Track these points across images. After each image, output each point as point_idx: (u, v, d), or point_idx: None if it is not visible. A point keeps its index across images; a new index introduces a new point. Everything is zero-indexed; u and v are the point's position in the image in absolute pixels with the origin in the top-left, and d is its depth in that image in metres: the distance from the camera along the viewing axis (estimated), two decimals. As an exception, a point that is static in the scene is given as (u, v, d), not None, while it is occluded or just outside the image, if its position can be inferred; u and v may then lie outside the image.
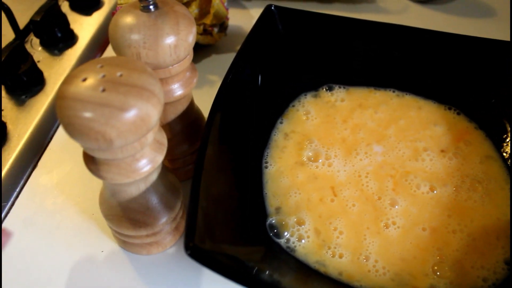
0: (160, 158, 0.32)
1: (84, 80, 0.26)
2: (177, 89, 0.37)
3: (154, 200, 0.35)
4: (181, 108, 0.39)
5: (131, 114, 0.26)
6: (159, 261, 0.39)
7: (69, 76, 0.27)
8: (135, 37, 0.33)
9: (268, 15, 0.46)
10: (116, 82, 0.26)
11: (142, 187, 0.33)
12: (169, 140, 0.40)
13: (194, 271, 0.38)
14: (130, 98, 0.26)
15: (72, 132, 0.26)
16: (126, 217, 0.35)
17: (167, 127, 0.39)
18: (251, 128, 0.43)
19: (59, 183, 0.44)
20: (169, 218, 0.36)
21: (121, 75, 0.27)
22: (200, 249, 0.28)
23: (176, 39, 0.33)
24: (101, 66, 0.27)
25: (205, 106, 0.41)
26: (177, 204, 0.37)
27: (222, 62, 0.56)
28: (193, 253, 0.28)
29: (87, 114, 0.25)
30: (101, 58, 0.28)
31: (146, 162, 0.31)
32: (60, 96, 0.26)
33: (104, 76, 0.26)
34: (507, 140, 0.44)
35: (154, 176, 0.34)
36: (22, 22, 0.60)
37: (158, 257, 0.39)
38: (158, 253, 0.39)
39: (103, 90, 0.26)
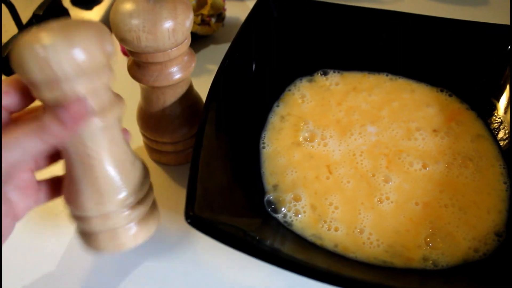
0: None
1: None
2: (176, 73, 0.38)
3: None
4: (180, 91, 0.41)
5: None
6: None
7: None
8: (135, 21, 0.34)
9: (263, 2, 0.48)
10: None
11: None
12: (170, 123, 0.42)
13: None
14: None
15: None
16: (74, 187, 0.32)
17: (167, 110, 0.41)
18: (248, 111, 0.44)
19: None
20: (126, 198, 0.33)
21: None
22: (200, 217, 0.30)
23: (174, 23, 0.35)
24: None
25: (203, 94, 0.43)
26: (140, 187, 0.34)
27: (219, 52, 0.57)
28: (193, 221, 0.29)
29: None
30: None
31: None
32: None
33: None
34: (498, 119, 0.45)
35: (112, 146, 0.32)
36: (24, 17, 0.61)
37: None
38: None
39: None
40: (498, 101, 0.46)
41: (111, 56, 0.28)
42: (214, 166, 0.36)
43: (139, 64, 0.38)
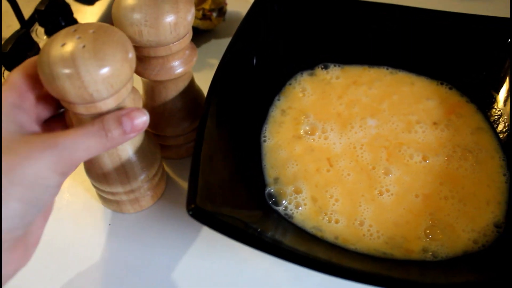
0: None
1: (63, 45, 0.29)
2: (178, 67, 0.39)
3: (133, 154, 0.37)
4: (182, 85, 0.41)
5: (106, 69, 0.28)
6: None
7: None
8: (137, 16, 0.34)
9: (264, -4, 0.48)
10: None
11: None
12: (171, 117, 0.42)
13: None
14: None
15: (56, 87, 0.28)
16: (105, 174, 0.37)
17: (169, 103, 0.41)
18: (249, 104, 0.45)
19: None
20: (146, 177, 0.39)
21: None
22: (202, 209, 0.30)
23: (175, 17, 0.35)
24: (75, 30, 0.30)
25: (205, 88, 0.43)
26: (154, 163, 0.40)
27: (221, 46, 0.57)
28: (195, 213, 0.30)
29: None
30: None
31: None
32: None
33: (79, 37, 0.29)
34: (498, 112, 0.45)
35: None
36: (26, 12, 0.61)
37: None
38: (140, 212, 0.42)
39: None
40: (498, 94, 0.46)
41: (134, 65, 0.31)
42: (215, 159, 0.37)
43: (140, 58, 0.38)
